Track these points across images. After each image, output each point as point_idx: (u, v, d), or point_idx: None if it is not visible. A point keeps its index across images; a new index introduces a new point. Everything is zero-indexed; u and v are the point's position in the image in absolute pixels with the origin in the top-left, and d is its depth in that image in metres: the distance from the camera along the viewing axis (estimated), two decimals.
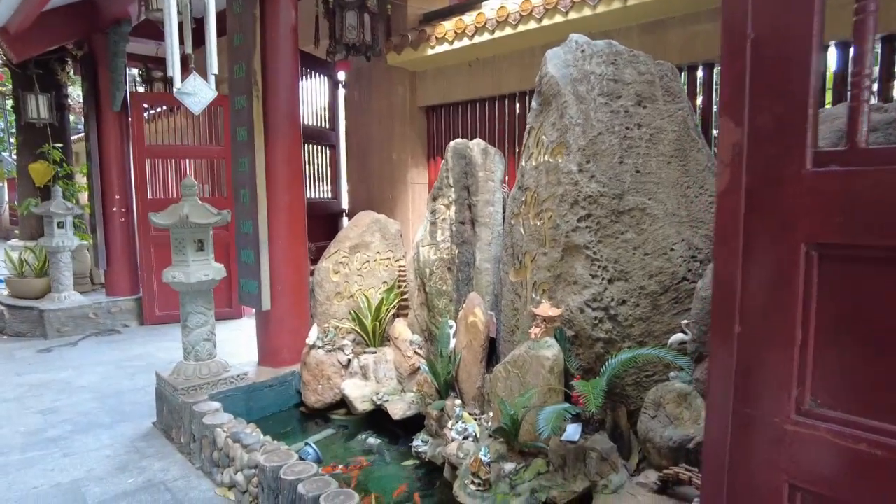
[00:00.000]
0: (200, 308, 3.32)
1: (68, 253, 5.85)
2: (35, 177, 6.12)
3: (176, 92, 2.64)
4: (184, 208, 3.15)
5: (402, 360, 3.48)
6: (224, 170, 6.22)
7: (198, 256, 3.25)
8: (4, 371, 4.63)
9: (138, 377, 4.42)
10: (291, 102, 3.62)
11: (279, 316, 3.67)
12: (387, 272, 3.88)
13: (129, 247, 6.13)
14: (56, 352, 5.17)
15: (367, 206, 4.75)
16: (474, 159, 3.33)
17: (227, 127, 6.17)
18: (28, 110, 5.87)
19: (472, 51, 3.78)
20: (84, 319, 5.83)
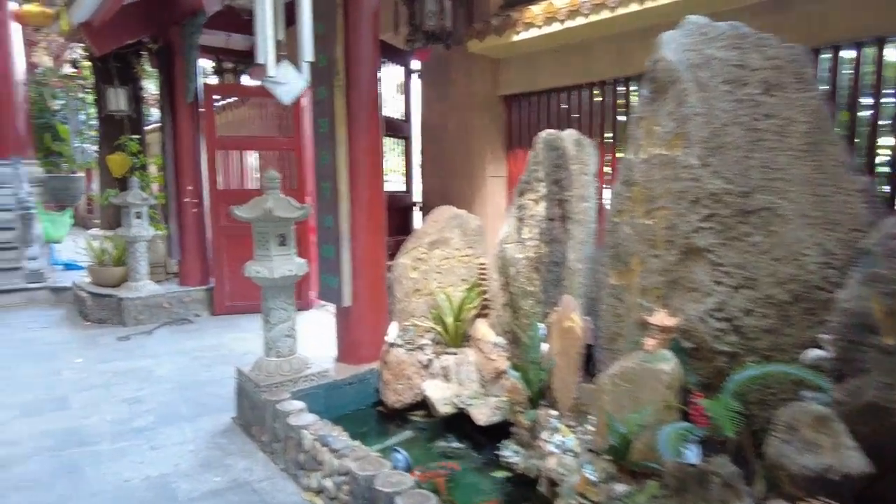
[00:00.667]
0: (282, 304, 3.26)
1: (144, 243, 5.97)
2: (113, 168, 6.28)
3: (266, 81, 2.54)
4: (267, 202, 3.08)
5: (485, 362, 3.33)
6: (293, 161, 6.20)
7: (280, 251, 3.18)
8: (89, 357, 4.75)
9: (214, 368, 4.44)
10: (372, 93, 3.50)
11: (359, 312, 3.58)
12: (466, 269, 3.73)
13: (200, 237, 6.21)
14: (134, 340, 5.28)
15: (440, 199, 4.61)
16: (567, 151, 3.12)
17: (297, 119, 6.17)
18: (108, 103, 6.00)
19: (562, 36, 3.56)
20: (158, 308, 5.94)
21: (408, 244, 3.70)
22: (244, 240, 6.17)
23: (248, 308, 6.12)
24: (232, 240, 6.10)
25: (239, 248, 6.09)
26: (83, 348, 5.04)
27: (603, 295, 2.78)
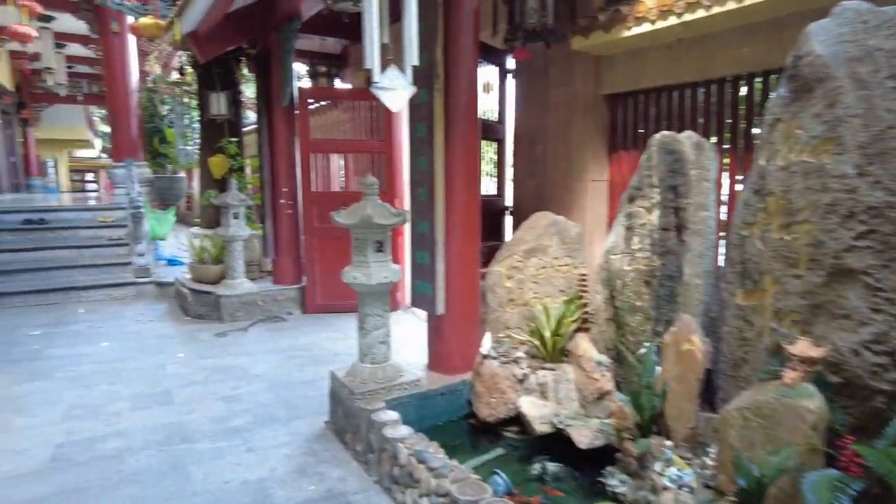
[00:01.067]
0: (378, 310, 3.21)
1: (241, 242, 6.19)
2: (213, 169, 6.55)
3: (373, 87, 2.48)
4: (366, 208, 3.03)
5: (585, 381, 3.13)
6: (384, 165, 6.22)
7: (377, 257, 3.13)
8: (190, 353, 4.96)
9: (307, 369, 4.49)
10: (471, 95, 3.38)
11: (451, 321, 3.47)
12: (564, 280, 3.54)
13: (294, 237, 6.35)
14: (231, 336, 5.47)
15: (534, 204, 4.43)
16: (685, 155, 2.86)
17: (388, 122, 6.18)
18: (209, 107, 6.27)
19: (677, 30, 3.29)
20: (253, 306, 6.14)
21: (503, 252, 3.56)
22: (335, 240, 6.29)
23: (338, 307, 6.22)
24: (323, 240, 6.21)
25: (330, 248, 6.20)
26: (184, 343, 5.28)
27: (726, 316, 2.52)
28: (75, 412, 3.68)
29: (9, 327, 5.81)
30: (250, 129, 8.39)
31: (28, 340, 5.34)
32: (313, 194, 6.21)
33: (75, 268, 7.27)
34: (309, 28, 6.19)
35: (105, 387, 4.12)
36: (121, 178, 8.64)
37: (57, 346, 5.17)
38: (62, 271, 7.20)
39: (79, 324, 6.00)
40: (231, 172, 6.55)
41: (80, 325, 5.91)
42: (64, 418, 3.59)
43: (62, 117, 23.71)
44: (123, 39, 8.55)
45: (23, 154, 20.59)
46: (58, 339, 5.37)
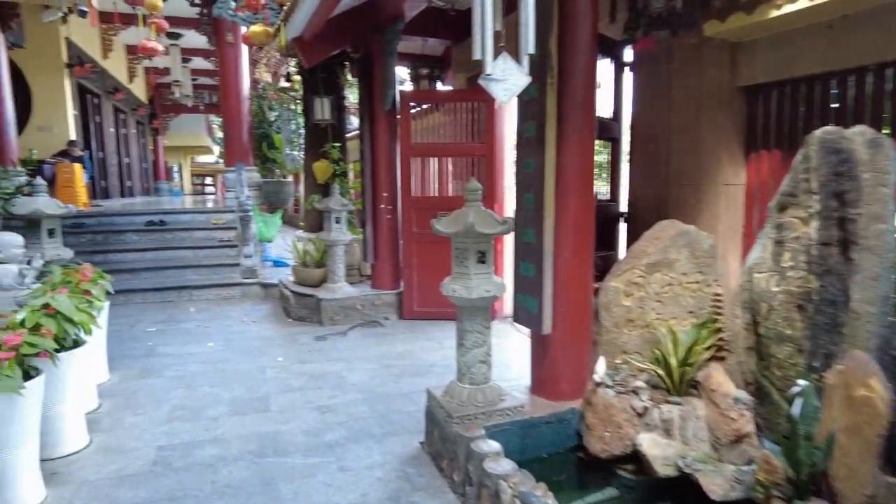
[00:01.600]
0: (479, 326, 2.94)
1: (342, 246, 6.18)
2: (317, 174, 6.62)
3: (482, 78, 2.22)
4: (468, 216, 2.77)
5: (719, 419, 2.67)
6: (484, 168, 5.97)
7: (479, 269, 2.86)
8: (289, 356, 4.96)
9: (403, 381, 4.32)
10: (588, 90, 3.04)
11: (559, 341, 3.14)
12: (694, 300, 3.08)
13: (393, 243, 6.26)
14: (329, 341, 5.44)
15: (653, 210, 3.98)
16: (855, 155, 2.35)
17: (490, 123, 5.93)
18: (314, 112, 6.33)
19: (841, 5, 2.75)
20: (352, 310, 6.10)
21: (621, 265, 3.16)
22: (433, 246, 6.12)
23: (434, 314, 6.05)
24: (421, 246, 6.06)
25: (428, 254, 6.05)
26: (284, 346, 5.31)
27: None
28: (178, 413, 3.73)
29: (131, 323, 6.17)
30: (354, 135, 8.48)
31: (145, 337, 5.61)
32: (412, 199, 6.08)
33: (189, 267, 7.65)
34: (411, 30, 6.08)
35: (207, 389, 4.17)
36: (232, 182, 9.04)
37: (168, 343, 5.38)
38: (178, 270, 7.61)
39: (189, 322, 6.25)
40: (334, 177, 6.59)
41: (189, 324, 6.16)
42: (168, 419, 3.64)
43: (186, 126, 25.75)
44: (237, 49, 8.95)
45: (153, 160, 22.54)
46: (170, 337, 5.60)
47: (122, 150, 16.91)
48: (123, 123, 17.28)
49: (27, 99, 11.30)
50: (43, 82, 11.33)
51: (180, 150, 28.93)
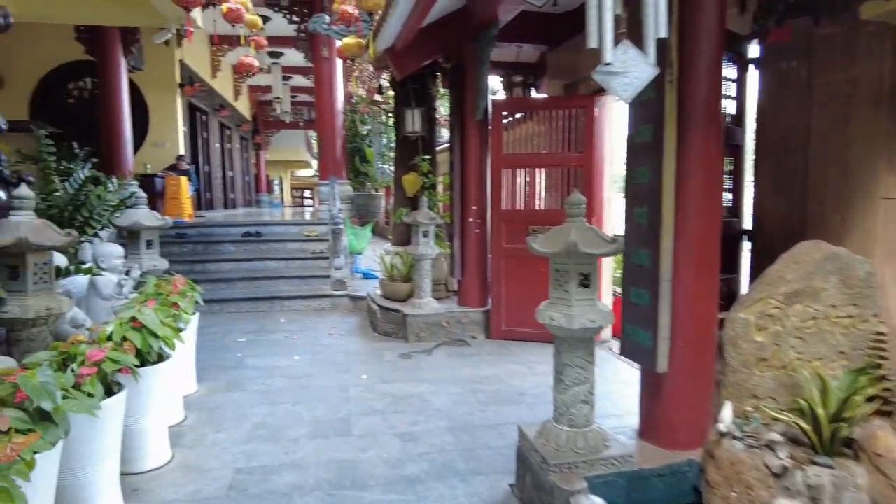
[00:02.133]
0: (581, 360, 2.57)
1: (429, 261, 5.98)
2: (407, 187, 6.48)
3: (598, 72, 1.88)
4: (570, 233, 2.42)
5: (888, 492, 2.13)
6: (581, 180, 5.56)
7: (582, 295, 2.50)
8: (373, 374, 4.79)
9: (490, 409, 4.00)
10: (713, 89, 2.61)
11: (677, 381, 2.69)
12: (846, 338, 2.53)
13: (481, 258, 5.98)
14: (414, 359, 5.22)
15: (783, 228, 3.43)
16: None
17: (588, 131, 5.52)
18: (405, 124, 6.21)
19: None
20: (438, 327, 5.87)
21: (752, 293, 2.66)
22: (523, 262, 5.76)
23: (523, 335, 5.70)
24: (511, 261, 5.74)
25: (518, 271, 5.71)
26: (369, 363, 5.15)
27: None
28: (259, 432, 3.61)
29: (223, 332, 6.28)
30: (443, 147, 8.32)
31: (235, 347, 5.66)
32: (503, 213, 5.78)
33: (281, 278, 7.77)
34: (504, 36, 5.81)
35: (289, 406, 4.06)
36: (326, 195, 9.17)
37: (256, 355, 5.38)
38: (270, 281, 7.74)
39: (278, 333, 6.27)
40: (423, 190, 6.42)
41: (278, 335, 6.17)
42: (248, 437, 3.53)
43: (287, 142, 27.04)
44: (331, 64, 9.10)
45: (255, 174, 23.78)
46: (258, 348, 5.61)
47: (226, 163, 17.90)
48: (228, 139, 18.30)
49: (145, 117, 12.16)
50: (158, 101, 12.15)
51: (281, 165, 30.43)
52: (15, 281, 2.74)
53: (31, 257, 2.73)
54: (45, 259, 2.81)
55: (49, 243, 2.71)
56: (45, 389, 1.96)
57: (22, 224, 2.70)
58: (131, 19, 6.93)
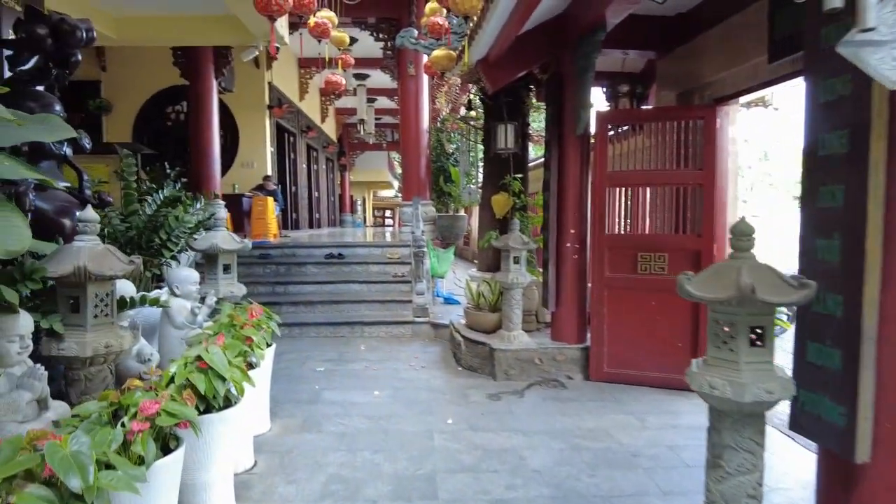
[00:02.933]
0: (748, 442, 1.93)
1: (520, 290, 5.42)
2: (496, 208, 5.98)
3: (848, 43, 1.30)
4: (741, 274, 1.81)
5: None
6: (700, 200, 4.85)
7: (755, 356, 1.87)
8: (460, 418, 4.27)
9: (599, 473, 3.36)
10: None
11: (883, 475, 1.97)
12: None
13: (580, 288, 5.34)
14: (504, 401, 4.66)
15: None
16: None
17: (709, 145, 4.80)
18: (496, 140, 5.72)
19: None
20: (529, 364, 5.28)
21: None
22: (631, 294, 5.06)
23: (630, 378, 5.01)
24: (615, 292, 5.09)
25: (623, 303, 5.05)
26: (454, 402, 4.64)
27: None
28: (334, 487, 3.17)
29: (301, 359, 5.99)
30: (536, 165, 7.77)
31: (313, 378, 5.33)
32: (606, 237, 5.14)
33: (362, 302, 7.45)
34: (607, 43, 5.22)
35: (368, 454, 3.60)
36: (408, 216, 8.85)
37: (335, 387, 5.02)
38: (351, 305, 7.44)
39: (358, 362, 5.91)
40: (514, 212, 5.89)
41: (358, 364, 5.80)
42: (321, 494, 3.10)
43: (370, 163, 27.46)
44: (418, 81, 8.84)
45: (339, 194, 24.20)
46: (337, 380, 5.25)
47: (312, 184, 18.21)
48: (315, 160, 18.64)
49: (235, 138, 12.48)
50: (248, 122, 12.43)
51: (364, 185, 30.98)
52: (75, 314, 2.45)
53: (91, 288, 2.44)
54: (107, 290, 2.52)
55: (110, 272, 2.41)
56: (76, 462, 1.58)
57: (83, 251, 2.42)
58: (221, 38, 6.97)
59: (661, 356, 4.95)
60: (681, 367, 4.90)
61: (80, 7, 6.27)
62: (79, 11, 6.18)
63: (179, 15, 6.67)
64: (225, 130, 12.37)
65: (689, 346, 4.87)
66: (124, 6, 6.50)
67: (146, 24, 6.64)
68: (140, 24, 6.63)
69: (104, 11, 6.50)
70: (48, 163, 3.43)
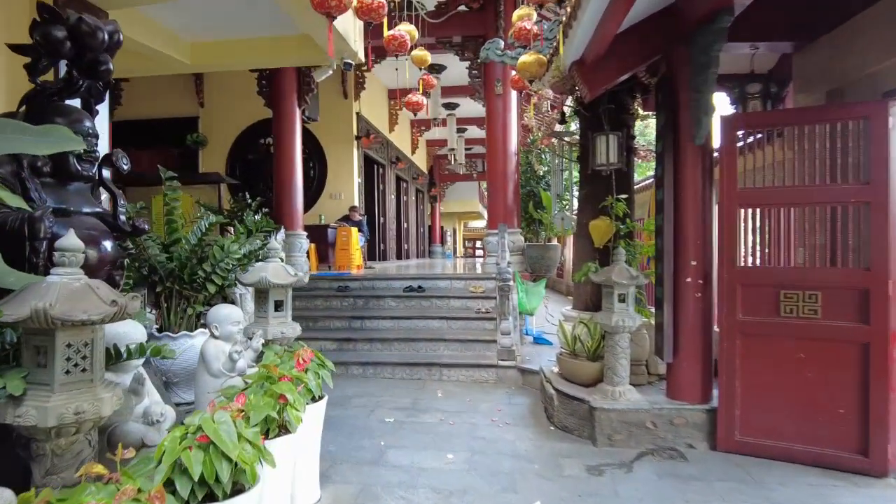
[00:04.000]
0: None
1: (628, 335, 4.45)
2: (595, 235, 5.08)
3: None
4: None
5: None
6: (865, 223, 3.72)
7: None
8: (550, 499, 3.37)
9: None
10: None
11: None
12: None
13: (704, 333, 4.30)
14: (608, 477, 3.70)
15: None
16: None
17: (880, 152, 3.69)
18: (596, 155, 4.85)
19: None
20: (639, 428, 4.27)
21: None
22: (771, 341, 3.93)
23: (770, 451, 3.92)
24: (752, 340, 4.04)
25: (763, 354, 3.98)
26: (544, 477, 3.73)
27: None
28: None
29: (371, 405, 5.33)
30: (642, 187, 6.79)
31: (379, 430, 4.63)
32: (738, 271, 4.10)
33: (442, 341, 6.72)
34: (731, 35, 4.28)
35: None
36: (493, 246, 8.10)
37: (402, 446, 4.27)
38: (430, 344, 6.73)
39: (432, 412, 5.14)
40: (617, 239, 4.97)
41: (432, 416, 5.04)
42: None
43: (460, 193, 27.15)
44: (505, 99, 8.18)
45: (429, 225, 23.95)
46: (406, 435, 4.51)
47: (401, 215, 17.98)
48: (404, 191, 18.45)
49: (323, 169, 12.40)
50: (335, 153, 12.33)
51: (454, 216, 30.70)
52: (42, 369, 1.89)
53: (61, 336, 1.88)
54: (85, 338, 1.94)
55: (83, 316, 1.83)
56: None
57: (52, 288, 1.86)
58: (293, 59, 6.71)
59: (815, 425, 3.82)
60: (843, 440, 3.74)
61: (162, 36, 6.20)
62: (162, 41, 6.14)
63: (253, 38, 6.47)
64: (313, 161, 12.34)
65: (856, 413, 3.71)
66: (202, 32, 6.37)
67: (220, 49, 6.50)
68: (214, 48, 6.50)
69: (182, 38, 6.41)
70: (77, 184, 3.02)
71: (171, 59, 6.20)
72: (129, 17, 5.75)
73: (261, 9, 5.77)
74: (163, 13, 5.78)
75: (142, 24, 5.81)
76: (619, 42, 4.45)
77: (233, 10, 5.89)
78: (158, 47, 5.96)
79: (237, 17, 6.04)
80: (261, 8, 5.74)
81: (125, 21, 5.67)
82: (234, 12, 5.92)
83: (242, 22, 6.14)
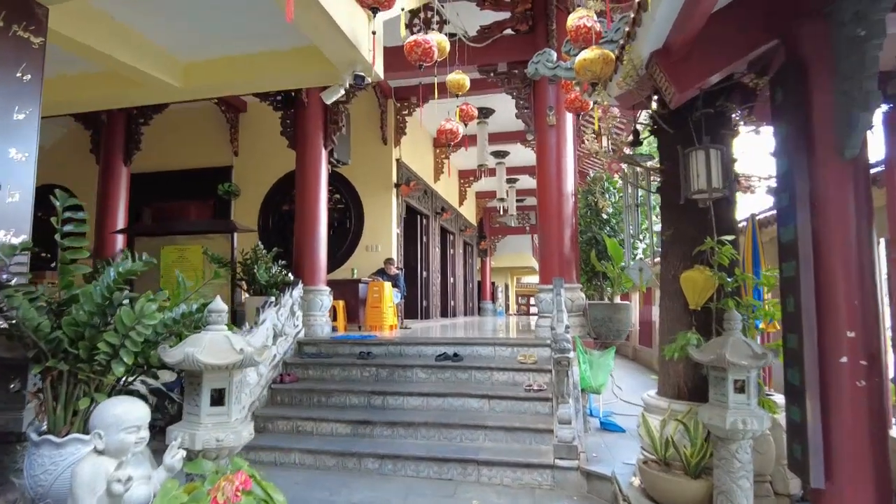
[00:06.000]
0: None
1: (749, 442, 2.95)
2: (689, 291, 3.63)
3: None
4: None
5: None
6: None
7: None
8: None
9: None
10: None
11: None
12: None
13: (874, 441, 2.75)
14: None
15: None
16: None
17: None
18: (690, 179, 3.47)
19: None
20: None
21: None
22: None
23: None
24: None
25: None
26: None
27: None
28: None
29: None
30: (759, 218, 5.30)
31: None
32: None
33: (481, 428, 5.28)
34: None
35: None
36: (546, 304, 6.70)
37: None
38: (466, 431, 5.30)
39: None
40: (720, 296, 3.53)
41: None
42: None
43: (513, 247, 25.82)
44: (559, 131, 6.97)
45: (478, 280, 22.61)
46: None
47: (448, 269, 16.79)
48: (451, 243, 17.32)
49: (360, 218, 11.43)
50: (373, 201, 11.38)
51: (506, 271, 29.31)
52: None
53: None
54: None
55: None
56: None
57: None
58: (299, 78, 5.78)
59: None
60: None
61: (151, 55, 5.38)
62: (151, 61, 5.33)
63: (252, 54, 5.60)
64: (349, 210, 11.43)
65: None
66: (196, 48, 5.55)
67: (215, 68, 5.64)
68: (208, 68, 5.65)
69: (172, 56, 5.59)
70: None
71: (162, 83, 5.37)
72: (116, 35, 4.97)
73: (260, 10, 4.87)
74: (154, 29, 4.98)
75: (129, 42, 5.02)
76: (714, 24, 3.21)
77: (229, 17, 5.05)
78: (147, 69, 5.14)
79: (232, 27, 5.20)
80: (260, 9, 4.84)
81: (111, 41, 4.92)
82: (230, 19, 5.08)
83: (238, 31, 5.29)
